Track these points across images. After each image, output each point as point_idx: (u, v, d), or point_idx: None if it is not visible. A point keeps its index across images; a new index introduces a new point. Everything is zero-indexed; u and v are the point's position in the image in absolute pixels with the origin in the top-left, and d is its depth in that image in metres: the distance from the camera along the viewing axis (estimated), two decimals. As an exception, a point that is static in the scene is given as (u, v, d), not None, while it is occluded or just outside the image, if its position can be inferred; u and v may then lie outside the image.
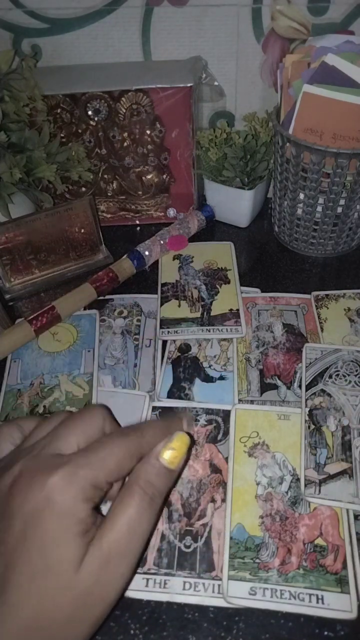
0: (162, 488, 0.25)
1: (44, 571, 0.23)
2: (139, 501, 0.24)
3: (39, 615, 0.22)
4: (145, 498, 0.24)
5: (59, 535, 0.23)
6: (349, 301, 0.47)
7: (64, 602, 0.23)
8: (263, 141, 0.52)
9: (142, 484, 0.25)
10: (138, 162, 0.55)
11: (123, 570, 0.24)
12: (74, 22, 0.52)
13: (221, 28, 0.52)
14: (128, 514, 0.24)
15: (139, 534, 0.24)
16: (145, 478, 0.25)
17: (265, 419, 0.38)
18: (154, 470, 0.25)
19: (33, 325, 0.45)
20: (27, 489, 0.24)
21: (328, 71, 0.43)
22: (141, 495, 0.24)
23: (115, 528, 0.24)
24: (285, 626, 0.30)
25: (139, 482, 0.25)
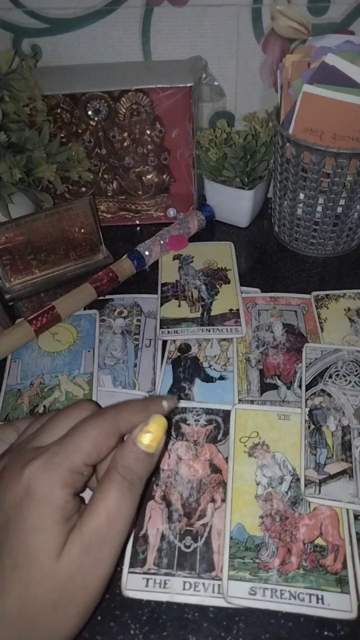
0: (141, 473, 0.25)
1: (25, 561, 0.23)
2: (118, 487, 0.24)
3: (24, 605, 0.23)
4: (123, 483, 0.24)
5: (38, 523, 0.23)
6: (349, 301, 0.47)
7: (46, 591, 0.23)
8: (263, 141, 0.53)
9: (120, 469, 0.25)
10: (138, 162, 0.55)
11: (104, 557, 0.24)
12: (74, 22, 0.52)
13: (221, 28, 0.52)
14: (107, 501, 0.24)
15: (119, 520, 0.24)
16: (123, 463, 0.25)
17: (265, 419, 0.38)
18: (132, 455, 0.25)
19: (33, 325, 0.45)
20: (7, 482, 0.24)
21: (328, 71, 0.43)
22: (119, 480, 0.24)
23: (94, 515, 0.24)
24: (285, 626, 0.30)
25: (117, 468, 0.25)
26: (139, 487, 0.25)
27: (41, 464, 0.24)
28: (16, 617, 0.23)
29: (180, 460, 0.36)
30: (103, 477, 0.25)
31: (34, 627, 0.23)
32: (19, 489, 0.24)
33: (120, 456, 0.25)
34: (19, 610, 0.23)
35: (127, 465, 0.25)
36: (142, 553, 0.32)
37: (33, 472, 0.24)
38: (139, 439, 0.25)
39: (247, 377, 0.42)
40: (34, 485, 0.24)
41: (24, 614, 0.23)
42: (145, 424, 0.26)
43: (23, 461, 0.25)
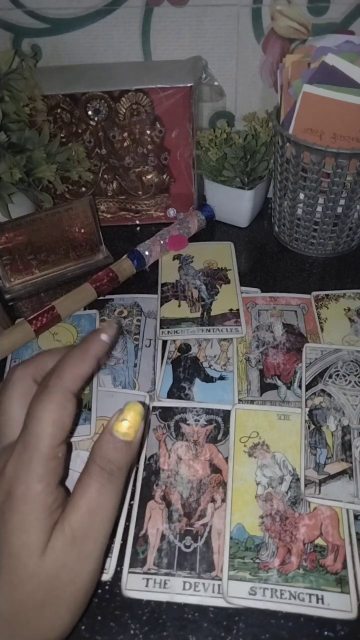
0: (121, 462, 0.25)
1: (10, 562, 0.23)
2: (97, 479, 0.24)
3: (14, 605, 0.23)
4: (103, 474, 0.24)
5: (20, 522, 0.23)
6: (349, 301, 0.47)
7: (33, 589, 0.23)
8: (263, 141, 0.52)
9: (98, 461, 0.24)
10: (138, 162, 0.55)
11: (89, 551, 0.24)
12: (74, 22, 0.52)
13: (221, 28, 0.52)
14: (87, 494, 0.24)
15: (101, 512, 0.24)
16: (101, 454, 0.24)
17: (265, 419, 0.38)
18: (109, 445, 0.24)
19: (33, 325, 0.45)
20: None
21: (328, 71, 0.43)
22: (98, 472, 0.24)
23: (76, 509, 0.24)
24: (285, 626, 0.30)
25: (95, 460, 0.24)
26: (119, 477, 0.25)
27: (13, 465, 0.24)
28: (7, 617, 0.23)
29: (180, 460, 0.36)
30: (83, 470, 0.25)
31: (26, 626, 0.23)
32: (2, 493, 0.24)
33: (97, 447, 0.25)
34: (10, 611, 0.23)
35: (105, 456, 0.24)
36: (142, 553, 0.32)
37: (8, 474, 0.24)
38: (116, 428, 0.24)
39: (247, 377, 0.42)
40: (11, 486, 0.24)
41: (15, 615, 0.23)
42: (121, 412, 0.25)
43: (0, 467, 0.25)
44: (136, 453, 0.26)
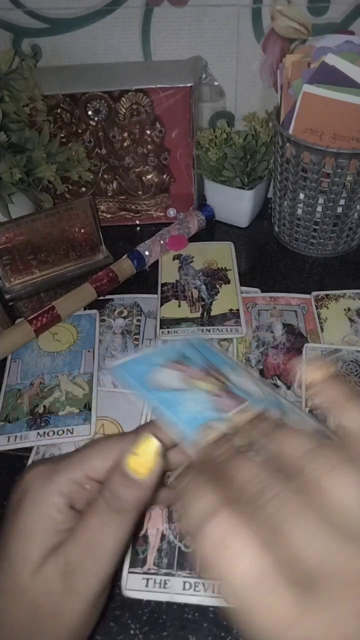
0: (130, 500, 0.22)
1: (6, 566, 0.23)
2: (100, 514, 0.22)
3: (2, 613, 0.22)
4: (106, 511, 0.22)
5: (28, 526, 0.23)
6: (349, 301, 0.47)
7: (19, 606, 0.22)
8: (263, 141, 0.52)
9: (106, 495, 0.22)
10: (138, 162, 0.55)
11: (78, 589, 0.22)
12: (74, 22, 0.52)
13: (221, 28, 0.52)
14: (87, 528, 0.22)
15: (97, 550, 0.22)
16: (109, 489, 0.22)
17: (265, 419, 0.38)
18: (118, 481, 0.22)
19: (33, 325, 0.45)
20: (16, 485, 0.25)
21: (328, 71, 0.43)
22: (102, 507, 0.22)
23: (75, 540, 0.22)
24: (285, 626, 0.30)
25: (103, 494, 0.22)
26: (128, 517, 0.22)
27: (44, 469, 0.24)
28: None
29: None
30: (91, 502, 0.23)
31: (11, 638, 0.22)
32: (20, 490, 0.24)
33: (108, 481, 0.23)
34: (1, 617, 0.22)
35: (113, 492, 0.22)
36: (142, 553, 0.32)
37: (35, 474, 0.24)
38: (129, 465, 0.22)
39: (247, 377, 0.42)
40: (32, 487, 0.24)
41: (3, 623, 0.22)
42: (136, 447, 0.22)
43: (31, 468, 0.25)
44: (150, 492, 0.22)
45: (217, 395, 0.26)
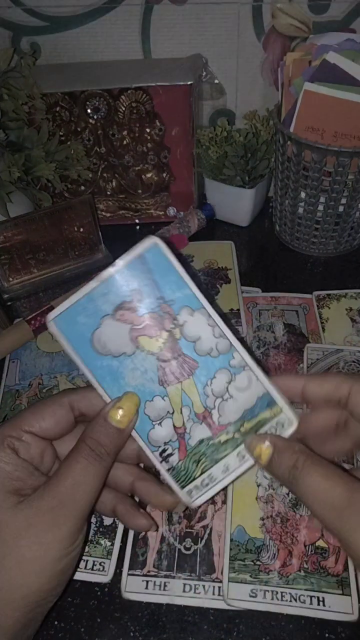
0: (110, 447, 0.25)
1: None
2: (85, 457, 0.25)
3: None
4: (91, 454, 0.25)
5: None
6: (351, 301, 0.47)
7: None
8: (264, 139, 0.52)
9: (88, 441, 0.25)
10: (138, 161, 0.55)
11: (62, 520, 0.24)
12: (73, 20, 0.52)
13: (221, 26, 0.52)
14: (73, 468, 0.24)
15: (82, 488, 0.24)
16: (92, 436, 0.25)
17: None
18: (101, 430, 0.25)
19: (32, 325, 0.44)
20: None
21: (329, 69, 0.42)
22: (87, 451, 0.25)
23: (60, 481, 0.24)
24: (286, 628, 0.29)
25: (86, 440, 0.25)
26: (107, 462, 0.25)
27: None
28: None
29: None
30: (72, 449, 0.25)
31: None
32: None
33: (90, 429, 0.25)
34: None
35: (96, 439, 0.25)
36: (141, 555, 0.32)
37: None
38: (111, 414, 0.25)
39: (248, 377, 0.42)
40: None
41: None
42: (118, 400, 0.26)
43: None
44: (125, 441, 0.26)
45: (165, 360, 0.25)
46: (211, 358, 0.25)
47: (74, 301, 0.25)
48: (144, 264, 0.25)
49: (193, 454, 0.26)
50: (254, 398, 0.26)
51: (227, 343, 0.26)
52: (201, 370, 0.25)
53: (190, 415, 0.26)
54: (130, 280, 0.25)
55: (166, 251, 0.25)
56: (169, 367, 0.25)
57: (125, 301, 0.25)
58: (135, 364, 0.25)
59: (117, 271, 0.25)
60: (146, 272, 0.25)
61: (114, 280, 0.25)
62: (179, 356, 0.25)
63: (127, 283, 0.25)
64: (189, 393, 0.26)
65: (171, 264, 0.25)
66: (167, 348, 0.25)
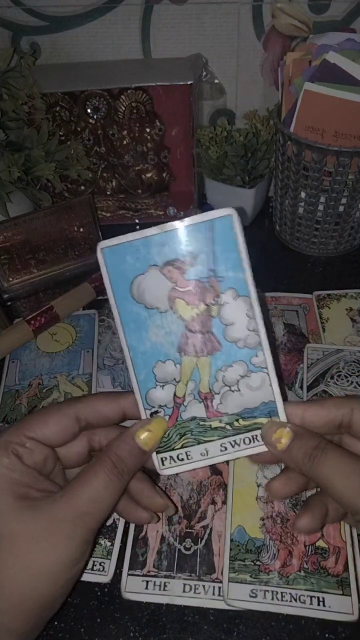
0: (132, 466, 0.25)
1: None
2: (108, 473, 0.24)
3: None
4: (114, 471, 0.25)
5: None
6: (351, 301, 0.47)
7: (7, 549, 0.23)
8: (264, 139, 0.52)
9: (113, 457, 0.25)
10: (138, 161, 0.55)
11: (81, 532, 0.24)
12: (73, 20, 0.52)
13: (222, 25, 0.52)
14: (94, 483, 0.24)
15: (101, 504, 0.24)
16: (116, 452, 0.25)
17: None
18: (127, 447, 0.25)
19: (31, 325, 0.44)
20: None
21: (329, 69, 0.42)
22: (110, 467, 0.25)
23: (78, 493, 0.24)
24: (286, 628, 0.29)
25: (110, 455, 0.25)
26: (126, 480, 0.25)
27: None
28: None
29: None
30: (94, 460, 0.25)
31: None
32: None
33: (115, 445, 0.26)
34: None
35: (120, 455, 0.25)
36: (141, 555, 0.32)
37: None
38: (138, 434, 0.26)
39: (248, 377, 0.42)
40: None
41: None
42: (147, 422, 0.26)
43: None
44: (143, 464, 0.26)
45: (192, 331, 0.25)
46: (236, 347, 0.25)
47: (129, 239, 0.24)
48: (210, 231, 0.24)
49: (181, 426, 0.26)
50: (258, 401, 0.26)
51: (257, 340, 0.25)
52: (221, 354, 0.25)
53: (194, 391, 0.26)
54: (191, 242, 0.24)
55: (237, 228, 0.25)
56: (192, 339, 0.25)
57: (178, 259, 0.24)
58: (163, 323, 0.25)
59: (182, 227, 0.24)
60: (209, 239, 0.24)
61: (176, 235, 0.24)
62: (207, 333, 0.25)
63: (187, 243, 0.24)
64: (201, 370, 0.25)
65: (236, 243, 0.25)
66: (198, 320, 0.25)
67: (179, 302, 0.25)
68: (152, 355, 0.25)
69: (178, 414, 0.26)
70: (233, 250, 0.25)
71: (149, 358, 0.25)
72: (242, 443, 0.26)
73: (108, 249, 0.24)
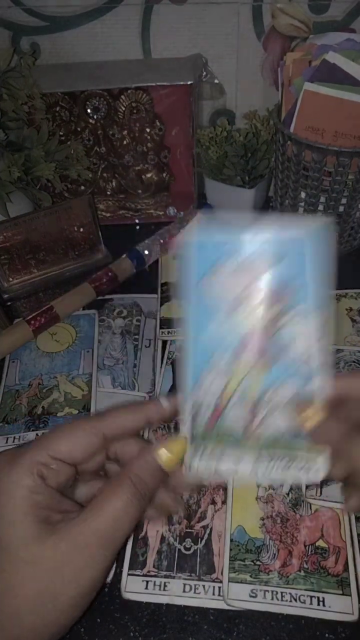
0: (152, 486, 0.25)
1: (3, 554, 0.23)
2: (129, 494, 0.24)
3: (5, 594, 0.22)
4: (135, 492, 0.24)
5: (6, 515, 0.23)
6: (351, 301, 0.47)
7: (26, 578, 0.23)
8: (264, 139, 0.52)
9: (133, 478, 0.24)
10: (138, 161, 0.55)
11: (101, 557, 0.23)
12: (73, 20, 0.52)
13: (221, 26, 0.52)
14: (115, 502, 0.24)
15: (122, 525, 0.24)
16: (137, 472, 0.25)
17: (266, 419, 0.38)
18: (148, 467, 0.25)
19: (31, 325, 0.44)
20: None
21: (329, 69, 0.42)
22: (130, 487, 0.24)
23: (99, 515, 0.24)
24: (286, 628, 0.29)
25: (131, 476, 0.25)
26: (146, 500, 0.25)
27: (6, 457, 0.24)
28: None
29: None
30: (114, 480, 0.25)
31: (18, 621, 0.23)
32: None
33: (135, 465, 0.25)
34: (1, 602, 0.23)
35: (140, 475, 0.25)
36: (142, 555, 0.32)
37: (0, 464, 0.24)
38: (159, 454, 0.25)
39: (248, 377, 0.42)
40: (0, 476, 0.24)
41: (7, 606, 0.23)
42: (170, 443, 0.26)
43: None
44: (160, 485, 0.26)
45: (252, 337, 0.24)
46: (290, 368, 0.24)
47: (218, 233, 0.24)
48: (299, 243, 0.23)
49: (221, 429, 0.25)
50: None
51: (316, 366, 0.24)
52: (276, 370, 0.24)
53: (240, 399, 0.24)
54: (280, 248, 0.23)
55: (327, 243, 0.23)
56: (251, 345, 0.24)
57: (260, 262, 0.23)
58: (226, 321, 0.24)
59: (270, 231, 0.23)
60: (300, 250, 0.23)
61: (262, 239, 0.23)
62: (267, 343, 0.24)
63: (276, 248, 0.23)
64: (252, 379, 0.24)
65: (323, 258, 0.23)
66: (262, 329, 0.23)
67: (248, 306, 0.24)
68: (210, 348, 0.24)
69: (219, 416, 0.25)
70: (317, 265, 0.23)
71: (206, 350, 0.24)
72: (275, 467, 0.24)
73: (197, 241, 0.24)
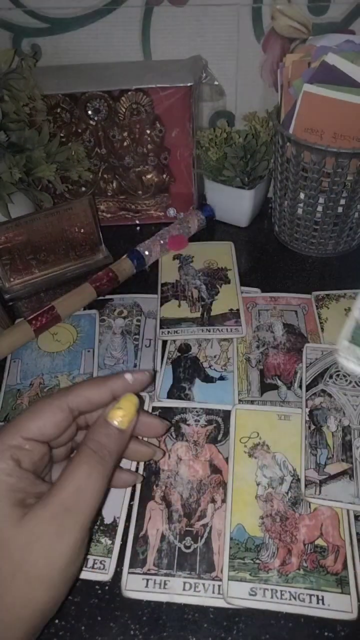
0: (112, 448, 0.26)
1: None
2: (88, 460, 0.25)
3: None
4: (94, 457, 0.25)
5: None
6: (350, 301, 0.47)
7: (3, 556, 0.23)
8: (263, 141, 0.52)
9: (90, 444, 0.25)
10: (138, 162, 0.55)
11: (69, 527, 0.24)
12: (73, 22, 0.52)
13: (221, 27, 0.52)
14: (76, 473, 0.24)
15: (87, 492, 0.24)
16: (94, 438, 0.25)
17: (266, 419, 0.38)
18: (102, 431, 0.26)
19: (33, 325, 0.44)
20: None
21: (328, 70, 0.43)
22: (89, 454, 0.25)
23: (63, 486, 0.24)
24: (285, 627, 0.30)
25: (88, 443, 0.25)
26: (110, 463, 0.25)
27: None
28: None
29: (180, 460, 0.36)
30: (75, 453, 0.26)
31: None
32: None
33: (91, 432, 0.26)
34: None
35: (98, 441, 0.25)
36: (142, 554, 0.32)
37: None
38: (110, 416, 0.26)
39: (248, 377, 0.42)
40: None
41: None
42: (117, 401, 0.26)
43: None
44: (127, 442, 0.27)
45: None
46: None
47: None
48: None
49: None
50: None
51: None
52: None
53: None
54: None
55: None
56: None
57: None
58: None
59: None
60: None
61: None
62: None
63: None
64: None
65: None
66: None
67: None
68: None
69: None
70: None
71: None
72: None
73: None
